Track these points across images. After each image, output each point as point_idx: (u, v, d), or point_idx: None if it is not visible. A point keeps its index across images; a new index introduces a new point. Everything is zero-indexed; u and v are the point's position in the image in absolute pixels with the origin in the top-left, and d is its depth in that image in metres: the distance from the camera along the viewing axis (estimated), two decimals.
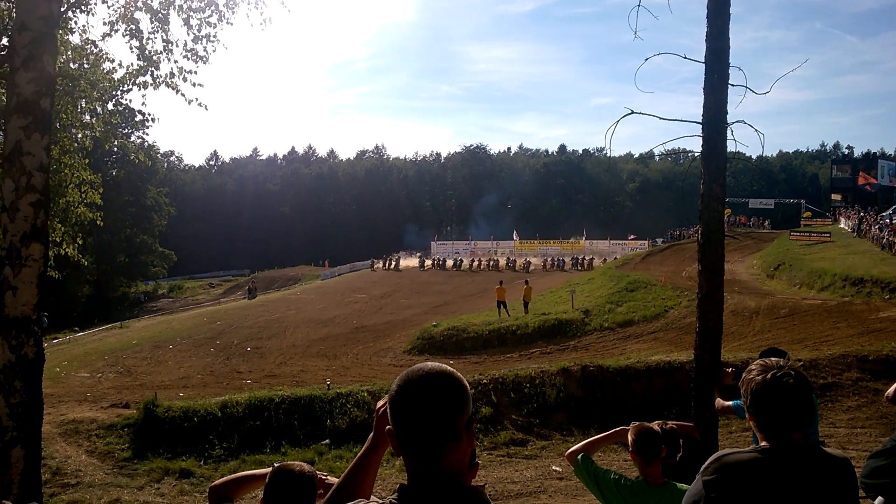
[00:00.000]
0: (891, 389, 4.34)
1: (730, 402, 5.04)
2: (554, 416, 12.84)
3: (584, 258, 50.46)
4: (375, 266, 58.53)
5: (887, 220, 41.29)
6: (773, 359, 2.33)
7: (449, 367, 1.69)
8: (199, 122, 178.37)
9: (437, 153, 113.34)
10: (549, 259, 51.41)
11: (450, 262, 54.81)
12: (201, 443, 12.31)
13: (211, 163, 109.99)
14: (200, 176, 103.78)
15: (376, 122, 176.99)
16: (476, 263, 53.07)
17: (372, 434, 1.97)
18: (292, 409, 13.05)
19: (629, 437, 3.61)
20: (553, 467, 11.10)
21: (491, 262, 52.26)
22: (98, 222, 9.09)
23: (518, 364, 18.84)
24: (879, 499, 3.05)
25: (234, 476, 2.80)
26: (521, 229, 75.12)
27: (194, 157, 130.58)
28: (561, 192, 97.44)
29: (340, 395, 13.46)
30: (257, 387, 16.11)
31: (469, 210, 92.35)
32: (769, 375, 2.21)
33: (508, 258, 53.91)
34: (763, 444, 2.23)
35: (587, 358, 16.95)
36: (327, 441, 12.32)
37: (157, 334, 30.25)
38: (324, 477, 2.51)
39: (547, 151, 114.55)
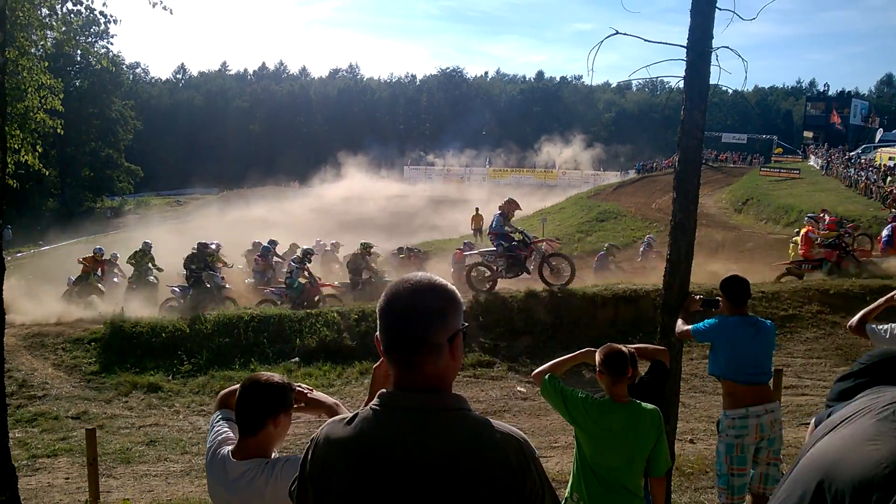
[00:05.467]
0: (854, 319, 4.45)
1: (689, 327, 5.09)
2: (520, 339, 13.06)
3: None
4: None
5: (858, 160, 41.76)
6: None
7: (440, 279, 1.60)
8: (165, 31, 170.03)
9: (412, 75, 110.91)
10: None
11: None
12: (169, 358, 12.34)
13: (178, 76, 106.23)
14: (167, 89, 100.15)
15: (350, 39, 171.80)
16: None
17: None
18: (261, 327, 13.09)
19: (597, 357, 3.66)
20: (518, 388, 11.37)
21: None
22: (59, 130, 8.74)
23: None
24: None
25: (236, 386, 2.83)
26: (496, 156, 74.69)
27: (161, 69, 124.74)
28: (537, 121, 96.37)
29: (310, 314, 13.51)
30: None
31: (443, 135, 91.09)
32: None
33: None
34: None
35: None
36: (296, 359, 12.43)
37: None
38: (303, 389, 2.55)
39: (524, 77, 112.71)
